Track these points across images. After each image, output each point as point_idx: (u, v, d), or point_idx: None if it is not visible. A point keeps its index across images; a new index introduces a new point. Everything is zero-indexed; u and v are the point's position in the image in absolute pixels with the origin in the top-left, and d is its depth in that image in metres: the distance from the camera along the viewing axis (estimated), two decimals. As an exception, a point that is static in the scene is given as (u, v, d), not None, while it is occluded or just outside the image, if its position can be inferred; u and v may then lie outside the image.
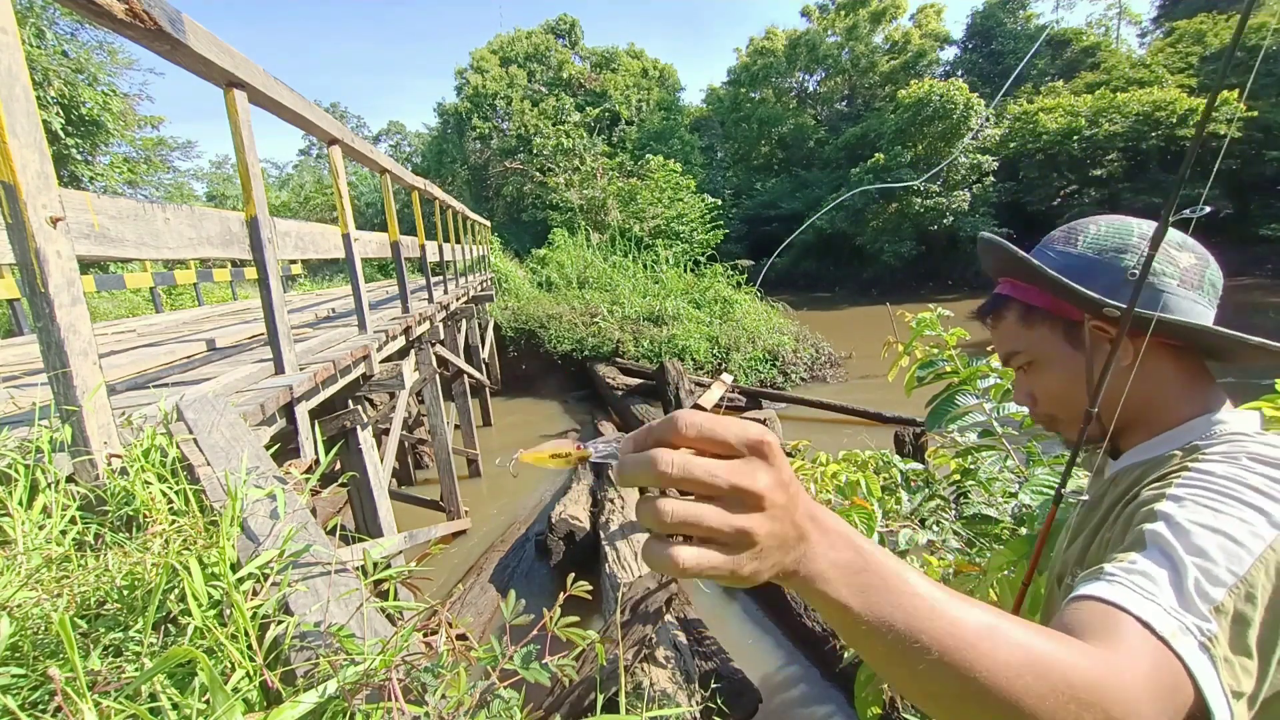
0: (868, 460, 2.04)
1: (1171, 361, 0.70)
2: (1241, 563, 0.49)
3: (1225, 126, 19.75)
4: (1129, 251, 0.70)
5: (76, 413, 1.31)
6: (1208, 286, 0.70)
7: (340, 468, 2.96)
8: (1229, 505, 0.54)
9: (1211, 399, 0.71)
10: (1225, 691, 0.45)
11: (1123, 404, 0.69)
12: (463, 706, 0.78)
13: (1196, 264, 0.70)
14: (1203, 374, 0.72)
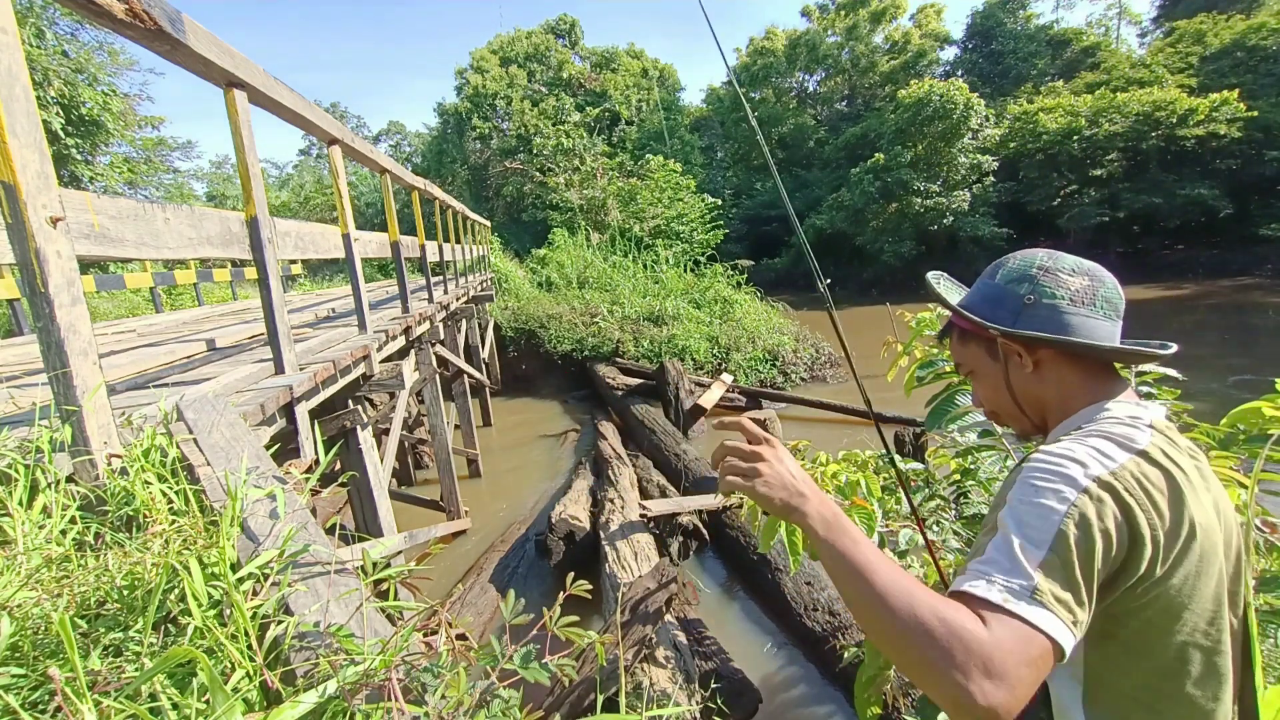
0: (868, 460, 2.04)
1: (1069, 365, 0.85)
2: (1053, 524, 0.67)
3: (1225, 127, 19.80)
4: (1026, 281, 0.87)
5: (76, 413, 1.31)
6: (1101, 303, 0.84)
7: (340, 468, 2.96)
8: (1049, 479, 0.71)
9: (1107, 391, 0.84)
10: (1065, 623, 0.63)
11: (1036, 400, 0.88)
12: (462, 706, 0.78)
13: (1089, 285, 0.85)
14: (1100, 372, 0.86)
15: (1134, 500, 0.69)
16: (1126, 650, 0.72)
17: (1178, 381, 1.63)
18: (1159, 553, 0.69)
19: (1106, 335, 0.83)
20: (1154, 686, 0.73)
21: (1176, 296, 16.96)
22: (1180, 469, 0.73)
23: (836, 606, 3.34)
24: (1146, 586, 0.70)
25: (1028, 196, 23.10)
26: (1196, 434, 1.52)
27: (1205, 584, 0.72)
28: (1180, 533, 0.70)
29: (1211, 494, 0.77)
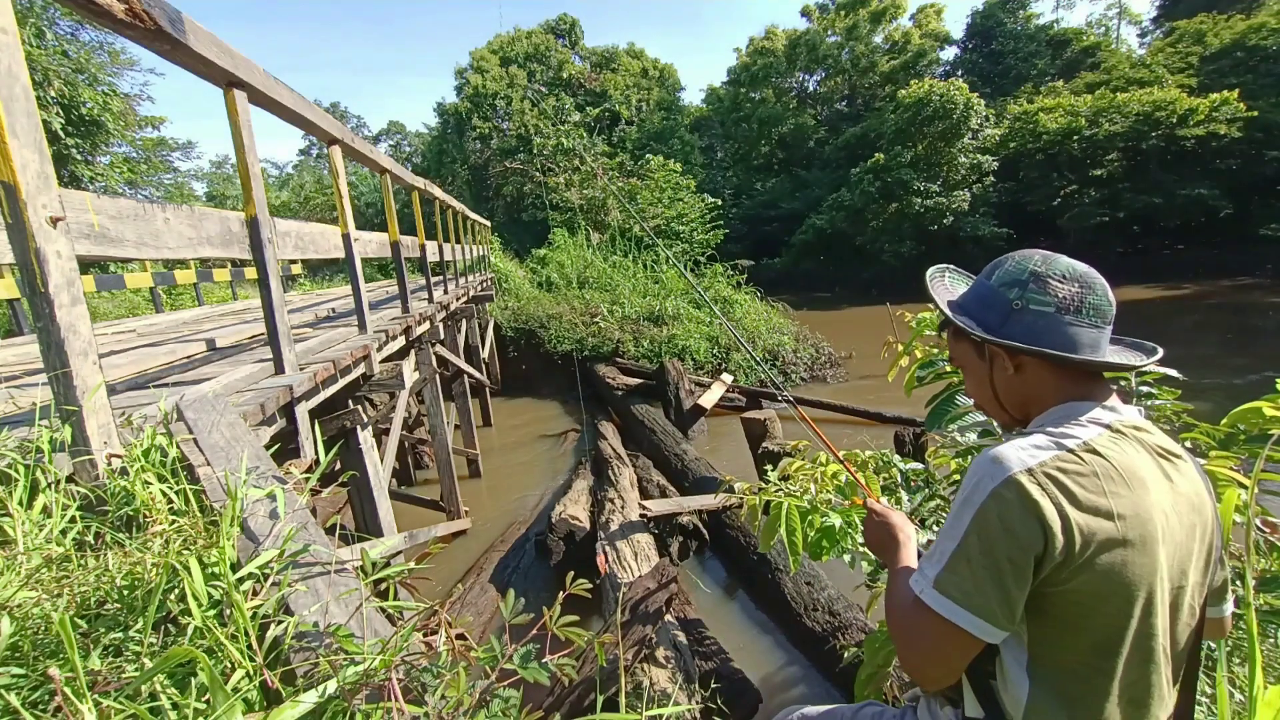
0: (868, 460, 2.03)
1: (1049, 369, 0.89)
2: (965, 520, 0.78)
3: (1225, 127, 19.80)
4: (1017, 286, 0.89)
5: (76, 413, 1.31)
6: (1088, 310, 0.86)
7: (340, 468, 2.96)
8: (973, 478, 0.81)
9: (1083, 393, 0.88)
10: (962, 606, 0.76)
11: (1018, 398, 0.94)
12: (462, 706, 0.78)
13: (1077, 292, 0.87)
14: (1079, 376, 0.89)
15: (1045, 493, 0.75)
16: (1061, 626, 0.78)
17: (1178, 381, 1.63)
18: (1074, 541, 0.74)
19: (1090, 342, 0.86)
20: (1088, 663, 0.78)
21: (1176, 296, 16.95)
22: (1121, 466, 0.78)
23: (836, 606, 3.34)
24: (1069, 571, 0.75)
25: (1028, 196, 23.10)
26: (1197, 434, 1.52)
27: (1137, 574, 0.76)
28: (1105, 524, 0.75)
29: (1177, 493, 0.81)
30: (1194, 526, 0.82)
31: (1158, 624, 0.78)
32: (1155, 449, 0.83)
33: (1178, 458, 0.84)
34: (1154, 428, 0.87)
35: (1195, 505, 0.81)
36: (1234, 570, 1.39)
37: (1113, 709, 0.78)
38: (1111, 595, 0.76)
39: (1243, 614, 0.91)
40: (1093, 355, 0.86)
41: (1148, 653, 0.78)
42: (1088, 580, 0.75)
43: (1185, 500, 0.81)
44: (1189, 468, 0.84)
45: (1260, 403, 1.37)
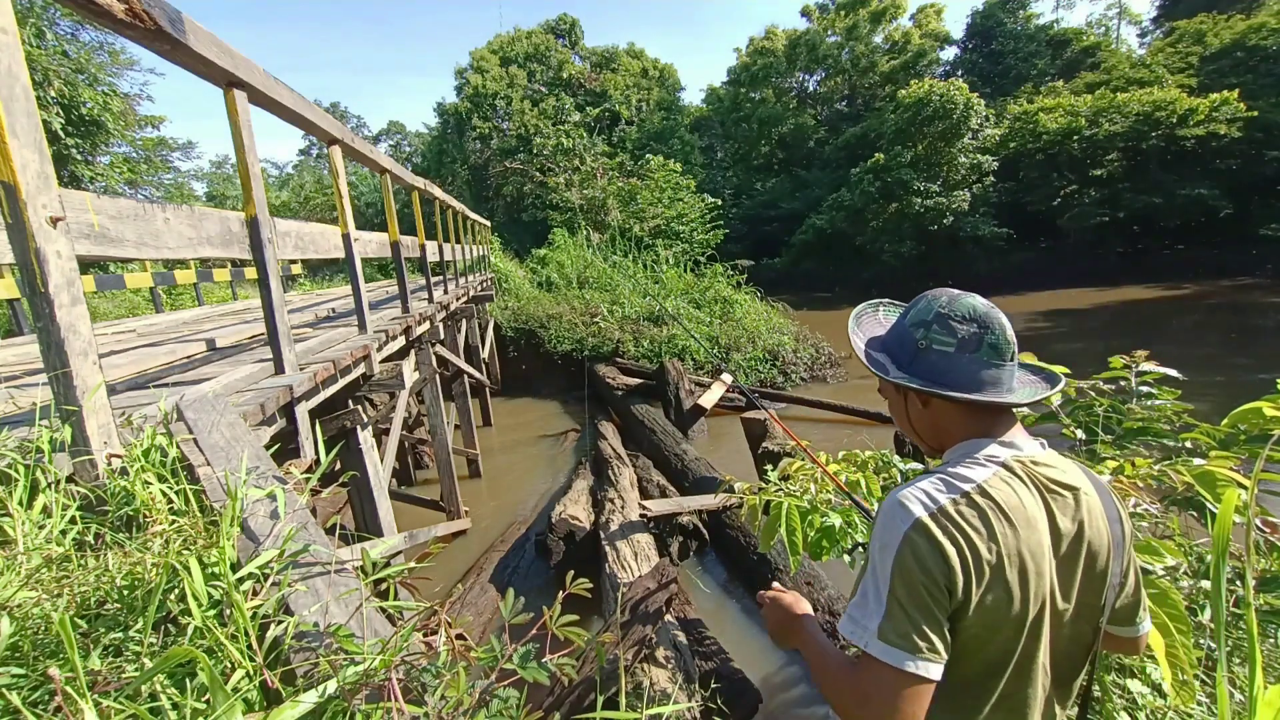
0: (868, 460, 2.03)
1: (953, 405, 0.94)
2: (887, 566, 0.83)
3: (1225, 127, 19.81)
4: (923, 326, 0.95)
5: (76, 413, 1.31)
6: (985, 350, 0.91)
7: (340, 468, 2.96)
8: (886, 522, 0.86)
9: (986, 428, 0.93)
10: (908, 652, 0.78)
11: (930, 430, 0.99)
12: (462, 706, 0.78)
13: (976, 333, 0.92)
14: (981, 412, 0.94)
15: (947, 536, 0.81)
16: (957, 653, 0.84)
17: (1178, 381, 1.63)
18: (971, 580, 0.81)
19: (992, 380, 0.91)
20: (977, 682, 0.87)
21: (1176, 296, 16.96)
22: (1009, 507, 0.84)
23: (836, 606, 3.34)
24: (968, 607, 0.82)
25: (1028, 196, 23.10)
26: (1197, 434, 1.52)
27: (1024, 606, 0.84)
28: (997, 564, 0.82)
29: (1062, 528, 0.87)
30: (1080, 555, 0.89)
31: (1040, 646, 0.87)
32: (1045, 484, 0.89)
33: (1071, 489, 0.90)
34: (1055, 459, 0.93)
35: (1084, 536, 0.88)
36: (1234, 570, 1.40)
37: (987, 713, 0.89)
38: (1001, 626, 0.84)
39: (1243, 614, 0.91)
40: (994, 393, 0.91)
41: (1027, 671, 0.88)
42: (981, 614, 0.83)
43: (1071, 533, 0.88)
44: (1085, 498, 0.90)
45: (1260, 403, 1.37)
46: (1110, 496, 0.94)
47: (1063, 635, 0.90)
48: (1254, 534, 1.38)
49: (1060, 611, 0.88)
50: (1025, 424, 1.77)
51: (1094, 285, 19.36)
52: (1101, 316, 14.76)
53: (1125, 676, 1.42)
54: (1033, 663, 0.87)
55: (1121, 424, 1.60)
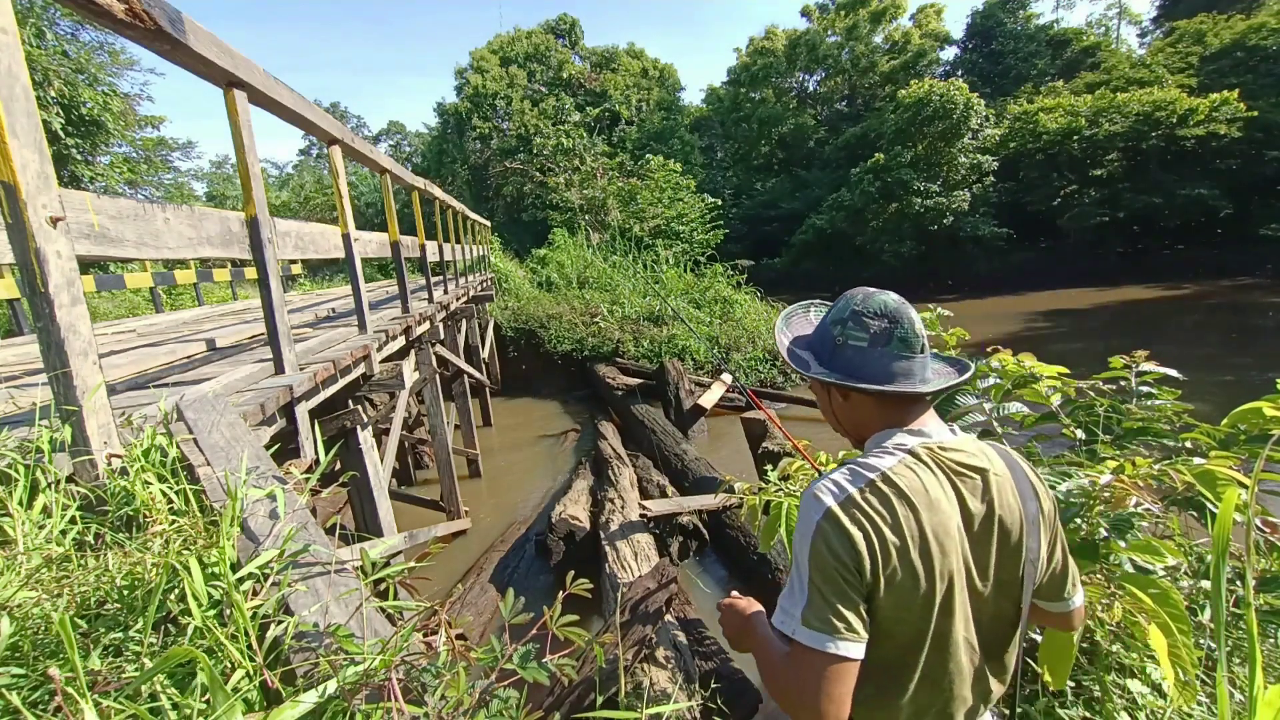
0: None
1: (868, 397, 0.99)
2: (805, 555, 0.88)
3: (1225, 127, 19.81)
4: (839, 324, 1.00)
5: (76, 413, 1.31)
6: (895, 343, 0.96)
7: (340, 468, 2.96)
8: (804, 514, 0.91)
9: (899, 418, 0.98)
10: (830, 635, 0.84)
11: (852, 423, 1.04)
12: (462, 706, 0.78)
13: (886, 328, 0.96)
14: (894, 403, 0.98)
15: (855, 523, 0.86)
16: (876, 633, 0.89)
17: (1178, 381, 1.63)
18: (878, 563, 0.86)
19: (903, 371, 0.96)
20: (898, 658, 0.92)
21: (1177, 296, 16.95)
22: (913, 491, 0.88)
23: (836, 606, 3.34)
24: (879, 589, 0.87)
25: (1028, 196, 23.10)
26: (1197, 434, 1.52)
27: (933, 584, 0.88)
28: (903, 545, 0.86)
29: (972, 508, 0.92)
30: (993, 533, 0.93)
31: (954, 623, 0.91)
32: (952, 468, 0.93)
33: (979, 471, 0.94)
34: (965, 444, 0.97)
35: (995, 514, 0.93)
36: (1234, 570, 1.40)
37: (912, 690, 0.93)
38: (911, 604, 0.88)
39: (1243, 614, 0.91)
40: (904, 383, 0.95)
41: (945, 646, 0.92)
42: (891, 594, 0.87)
43: (982, 513, 0.92)
44: (995, 478, 0.94)
45: (1260, 403, 1.37)
46: (1025, 476, 0.98)
47: (986, 611, 0.95)
48: (1254, 534, 1.38)
49: (979, 588, 0.93)
50: (1025, 425, 1.77)
51: (1094, 285, 19.35)
52: (1101, 316, 14.76)
53: (1125, 676, 1.42)
54: (949, 638, 0.91)
55: (1121, 424, 1.60)
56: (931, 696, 0.94)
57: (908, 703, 0.93)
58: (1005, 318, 14.99)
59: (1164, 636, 1.12)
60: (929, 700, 0.94)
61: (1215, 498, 1.25)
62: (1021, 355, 1.78)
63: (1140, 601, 1.16)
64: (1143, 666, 1.42)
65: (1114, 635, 1.41)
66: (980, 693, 0.97)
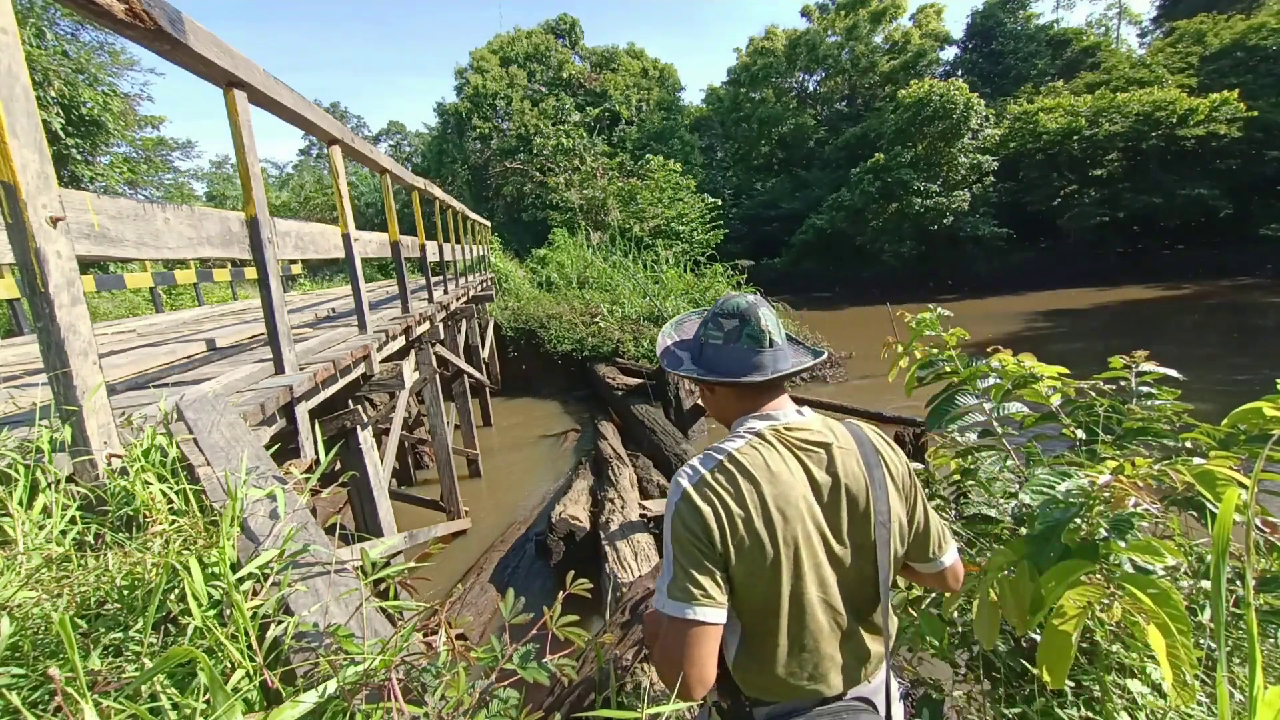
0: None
1: (727, 390, 1.10)
2: (666, 538, 0.98)
3: (1225, 127, 19.81)
4: (704, 325, 1.12)
5: (76, 413, 1.31)
6: (745, 339, 1.06)
7: (340, 468, 2.96)
8: (669, 496, 1.01)
9: (753, 407, 1.08)
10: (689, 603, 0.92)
11: (721, 415, 1.15)
12: (462, 706, 0.78)
13: (737, 325, 1.07)
14: (748, 393, 1.08)
15: (704, 499, 0.96)
16: (736, 599, 0.98)
17: (1178, 381, 1.63)
18: (726, 535, 0.95)
19: (756, 364, 1.05)
20: (760, 622, 1.00)
21: (1177, 296, 16.95)
22: (755, 467, 0.98)
23: (836, 606, 3.34)
24: (731, 558, 0.95)
25: (1028, 196, 23.10)
26: (1197, 434, 1.52)
27: (779, 550, 0.96)
28: (747, 517, 0.95)
29: (818, 479, 1.00)
30: (841, 500, 1.01)
31: (807, 585, 0.99)
32: (797, 445, 1.02)
33: (823, 445, 1.03)
34: (809, 423, 1.06)
35: (841, 483, 1.01)
36: (1234, 570, 1.40)
37: (781, 652, 1.01)
38: (762, 570, 0.96)
39: (1243, 614, 0.92)
40: (757, 374, 1.05)
41: (801, 606, 0.99)
42: (742, 560, 0.96)
43: (829, 483, 1.01)
44: (839, 450, 1.03)
45: (1260, 403, 1.37)
46: (871, 446, 1.06)
47: (849, 574, 1.03)
48: (1254, 534, 1.38)
49: (837, 552, 1.01)
50: (1025, 425, 1.77)
51: (1094, 285, 19.35)
52: (1101, 316, 14.76)
53: (1125, 676, 1.42)
54: (804, 599, 0.99)
55: (1121, 424, 1.59)
56: (800, 656, 1.01)
57: (780, 664, 1.01)
58: (1005, 318, 14.99)
59: (1163, 637, 1.12)
60: (798, 660, 1.01)
61: (1215, 498, 1.25)
62: (1021, 355, 1.77)
63: (1140, 601, 1.16)
64: (1143, 666, 1.42)
65: (1114, 635, 1.41)
66: (854, 652, 1.04)
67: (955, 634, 1.51)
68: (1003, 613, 1.21)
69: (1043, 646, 1.23)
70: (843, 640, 1.03)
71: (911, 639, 1.43)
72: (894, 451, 1.11)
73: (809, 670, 1.02)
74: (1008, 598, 1.20)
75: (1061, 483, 1.32)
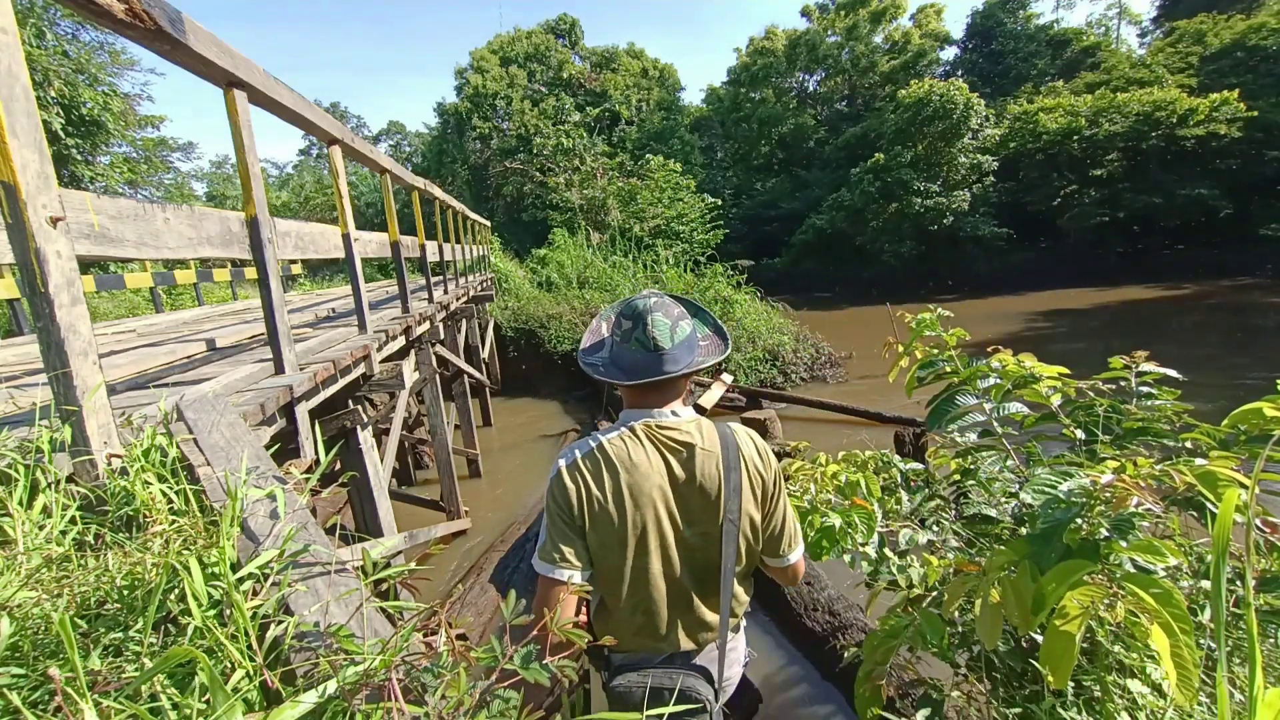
0: (868, 460, 2.03)
1: (625, 387, 1.22)
2: (544, 512, 1.17)
3: (1225, 127, 19.80)
4: (607, 324, 1.31)
5: (76, 413, 1.31)
6: (634, 341, 1.18)
7: (340, 468, 2.96)
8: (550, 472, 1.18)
9: (641, 402, 1.21)
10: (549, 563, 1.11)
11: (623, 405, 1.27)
12: (462, 707, 0.78)
13: (630, 328, 1.18)
14: (640, 390, 1.20)
15: (571, 479, 1.14)
16: (594, 561, 1.16)
17: (1178, 381, 1.63)
18: (584, 508, 1.13)
19: (644, 364, 1.17)
20: (610, 588, 1.18)
21: (1177, 296, 16.95)
22: (618, 458, 1.14)
23: (836, 606, 3.34)
24: (587, 530, 1.14)
25: (1028, 196, 23.10)
26: (1197, 434, 1.52)
27: (626, 530, 1.13)
28: (602, 498, 1.13)
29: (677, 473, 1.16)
30: (693, 494, 1.16)
31: (652, 560, 1.16)
32: (663, 442, 1.17)
33: (687, 446, 1.17)
34: (683, 424, 1.19)
35: (696, 480, 1.16)
36: (1234, 570, 1.39)
37: (625, 612, 1.19)
38: (612, 543, 1.14)
39: (1243, 614, 0.91)
40: (639, 376, 1.17)
41: (645, 577, 1.16)
42: (595, 532, 1.14)
43: (684, 478, 1.16)
44: (700, 452, 1.16)
45: (1261, 403, 1.37)
46: (736, 453, 1.18)
47: (695, 557, 1.19)
48: (1254, 534, 1.38)
49: (685, 536, 1.18)
50: (1025, 425, 1.77)
51: (1094, 285, 19.35)
52: (1101, 316, 14.75)
53: (1126, 676, 1.42)
54: (647, 571, 1.16)
55: (1121, 424, 1.59)
56: (641, 617, 1.20)
57: (624, 622, 1.20)
58: (1005, 318, 14.99)
59: (1167, 637, 1.12)
60: (640, 621, 1.20)
61: (1215, 498, 1.25)
62: (1021, 355, 1.77)
63: (1143, 601, 1.16)
64: (1143, 666, 1.42)
65: (1114, 635, 1.41)
66: (693, 622, 1.22)
67: (955, 634, 1.51)
68: (1004, 613, 1.21)
69: (1045, 647, 1.23)
70: (683, 611, 1.20)
71: (911, 639, 1.43)
72: (762, 459, 1.22)
73: (649, 631, 1.20)
74: (1009, 598, 1.20)
75: (1063, 483, 1.32)
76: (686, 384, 1.28)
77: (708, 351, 1.28)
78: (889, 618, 1.55)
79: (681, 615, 1.20)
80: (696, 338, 1.25)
